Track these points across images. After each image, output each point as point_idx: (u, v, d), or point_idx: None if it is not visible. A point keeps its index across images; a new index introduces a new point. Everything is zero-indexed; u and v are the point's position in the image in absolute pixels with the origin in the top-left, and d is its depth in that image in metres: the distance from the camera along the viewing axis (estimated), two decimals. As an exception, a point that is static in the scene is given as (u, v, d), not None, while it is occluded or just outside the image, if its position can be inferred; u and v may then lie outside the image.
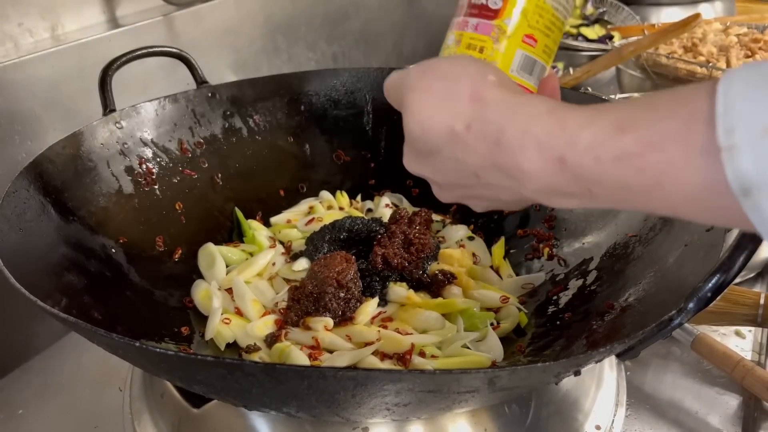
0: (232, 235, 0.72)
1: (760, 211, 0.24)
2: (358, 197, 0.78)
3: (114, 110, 0.64)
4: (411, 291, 0.61)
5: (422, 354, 0.54)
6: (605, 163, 0.29)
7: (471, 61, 0.38)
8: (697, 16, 0.99)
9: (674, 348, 0.65)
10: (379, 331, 0.55)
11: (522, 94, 0.35)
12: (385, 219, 0.70)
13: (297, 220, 0.73)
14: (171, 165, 0.68)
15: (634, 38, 1.16)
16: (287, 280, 0.64)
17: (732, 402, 0.59)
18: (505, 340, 0.57)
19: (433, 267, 0.64)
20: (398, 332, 0.56)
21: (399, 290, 0.60)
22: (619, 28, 1.34)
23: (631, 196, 0.29)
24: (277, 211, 0.75)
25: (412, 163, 0.41)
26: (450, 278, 0.62)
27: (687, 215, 0.28)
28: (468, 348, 0.56)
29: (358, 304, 0.58)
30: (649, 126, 0.27)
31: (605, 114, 0.29)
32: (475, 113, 0.34)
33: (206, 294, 0.62)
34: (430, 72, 0.38)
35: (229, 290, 0.62)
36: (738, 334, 0.67)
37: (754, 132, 0.24)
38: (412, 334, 0.56)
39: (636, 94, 0.93)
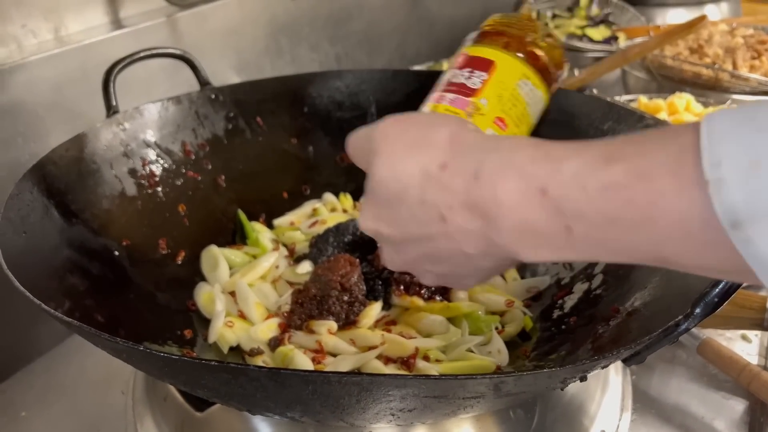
0: (235, 237, 0.72)
1: (749, 243, 0.24)
2: (362, 199, 0.78)
3: (117, 112, 0.63)
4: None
5: (426, 358, 0.54)
6: (591, 193, 0.28)
7: (451, 116, 0.38)
8: (703, 17, 0.98)
9: (680, 352, 0.64)
10: (383, 334, 0.55)
11: (503, 136, 0.35)
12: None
13: (300, 223, 0.73)
14: (174, 167, 0.68)
15: (640, 40, 1.16)
16: (291, 283, 0.63)
17: (738, 407, 0.58)
18: (509, 344, 0.57)
19: (437, 270, 0.64)
20: (402, 336, 0.55)
21: (403, 293, 0.60)
22: (624, 30, 1.33)
23: (616, 233, 0.28)
24: (281, 214, 0.74)
25: (369, 219, 0.39)
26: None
27: (677, 255, 0.27)
28: (472, 352, 0.55)
29: (362, 307, 0.58)
30: (638, 157, 0.27)
31: (592, 147, 0.29)
32: (452, 153, 0.33)
33: (209, 297, 0.62)
34: (403, 120, 0.37)
35: (233, 293, 0.62)
36: (744, 338, 0.66)
37: (741, 165, 0.24)
38: (416, 337, 0.56)
39: (643, 96, 0.93)
